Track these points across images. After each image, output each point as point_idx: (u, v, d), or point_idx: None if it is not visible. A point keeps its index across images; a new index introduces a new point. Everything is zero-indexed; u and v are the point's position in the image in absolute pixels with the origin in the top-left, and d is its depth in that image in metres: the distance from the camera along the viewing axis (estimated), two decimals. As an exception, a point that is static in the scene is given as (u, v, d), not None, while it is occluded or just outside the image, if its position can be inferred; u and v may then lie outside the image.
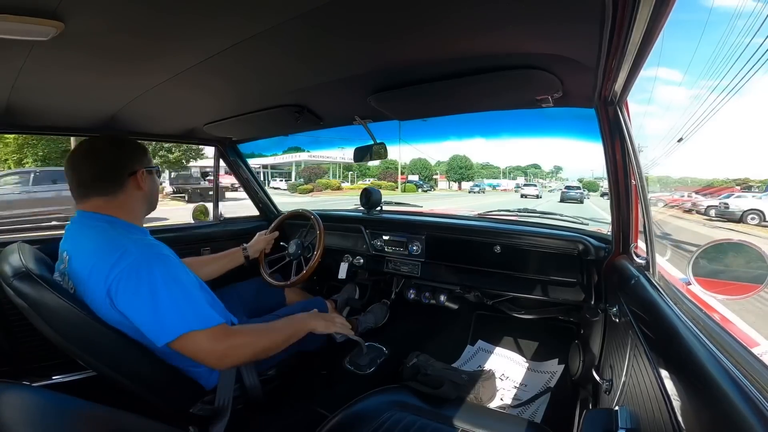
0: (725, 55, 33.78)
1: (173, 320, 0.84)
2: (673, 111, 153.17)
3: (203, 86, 1.10)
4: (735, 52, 25.71)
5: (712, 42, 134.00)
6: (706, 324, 0.59)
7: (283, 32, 0.74)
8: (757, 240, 0.92)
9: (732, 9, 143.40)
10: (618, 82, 0.80)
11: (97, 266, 0.86)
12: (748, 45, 20.48)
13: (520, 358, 1.68)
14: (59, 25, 0.65)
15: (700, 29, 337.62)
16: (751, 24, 25.61)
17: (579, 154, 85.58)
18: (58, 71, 0.91)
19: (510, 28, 0.72)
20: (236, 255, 1.59)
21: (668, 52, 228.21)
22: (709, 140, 79.19)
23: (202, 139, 1.88)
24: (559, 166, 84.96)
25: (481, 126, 1.56)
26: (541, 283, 1.46)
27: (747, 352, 0.48)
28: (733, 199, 11.23)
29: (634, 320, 0.78)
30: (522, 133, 1.61)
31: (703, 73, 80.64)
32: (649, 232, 0.89)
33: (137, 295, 0.83)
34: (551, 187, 46.29)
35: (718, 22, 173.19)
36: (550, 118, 1.30)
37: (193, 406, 1.01)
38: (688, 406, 0.47)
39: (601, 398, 1.03)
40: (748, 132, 58.40)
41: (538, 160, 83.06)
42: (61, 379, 1.25)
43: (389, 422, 0.95)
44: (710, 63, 67.71)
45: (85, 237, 0.92)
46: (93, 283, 0.86)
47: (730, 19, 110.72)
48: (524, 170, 72.20)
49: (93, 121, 1.40)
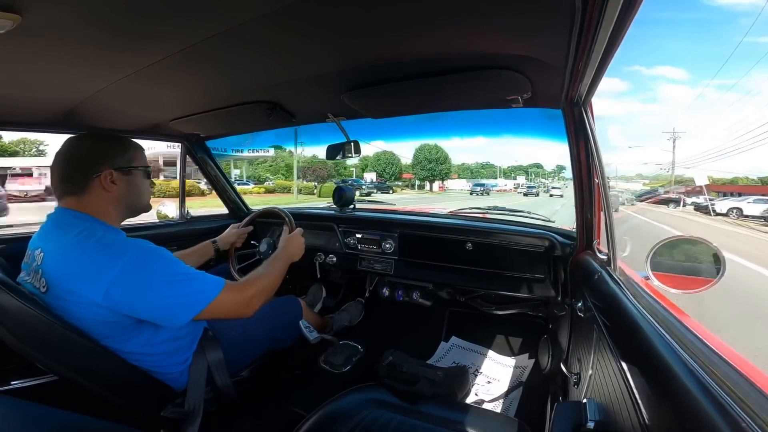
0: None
1: (194, 297, 0.88)
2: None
3: (170, 81, 1.05)
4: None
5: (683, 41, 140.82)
6: (665, 317, 0.62)
7: (253, 29, 0.72)
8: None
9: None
10: (584, 83, 0.83)
11: (87, 267, 0.83)
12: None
13: (492, 353, 1.71)
14: (16, 18, 0.61)
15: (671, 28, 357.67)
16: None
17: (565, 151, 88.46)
18: (12, 64, 0.85)
19: (482, 28, 0.73)
20: (206, 249, 1.55)
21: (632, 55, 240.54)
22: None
23: (168, 135, 1.80)
24: (561, 166, 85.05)
25: (456, 125, 1.59)
26: (511, 279, 1.49)
27: (703, 344, 0.51)
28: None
29: (598, 314, 0.81)
30: (495, 133, 1.65)
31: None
32: (610, 228, 0.92)
33: (149, 287, 0.84)
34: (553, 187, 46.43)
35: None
36: (521, 117, 1.33)
37: (164, 409, 0.98)
38: (651, 397, 0.50)
39: (570, 391, 1.07)
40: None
41: (540, 159, 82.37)
42: (21, 384, 1.17)
43: (366, 420, 0.95)
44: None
45: (64, 236, 0.88)
46: (80, 284, 0.82)
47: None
48: (526, 169, 71.94)
49: (49, 117, 1.33)
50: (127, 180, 0.99)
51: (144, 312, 0.85)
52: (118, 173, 0.96)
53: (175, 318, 0.87)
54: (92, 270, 0.82)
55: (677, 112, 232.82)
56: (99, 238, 0.87)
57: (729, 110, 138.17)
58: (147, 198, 1.08)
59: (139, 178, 1.03)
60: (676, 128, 38.46)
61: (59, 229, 0.90)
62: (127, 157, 1.00)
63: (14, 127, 1.44)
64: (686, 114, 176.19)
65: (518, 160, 79.00)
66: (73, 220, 0.91)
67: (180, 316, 0.87)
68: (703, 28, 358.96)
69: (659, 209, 17.86)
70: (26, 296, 0.82)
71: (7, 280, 0.84)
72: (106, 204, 0.96)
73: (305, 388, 1.43)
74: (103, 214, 0.95)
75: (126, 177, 0.98)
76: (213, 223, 2.06)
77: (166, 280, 0.86)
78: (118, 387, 0.91)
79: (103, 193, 0.95)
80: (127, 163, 0.99)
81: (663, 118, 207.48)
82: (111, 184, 0.95)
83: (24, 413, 0.54)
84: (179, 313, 0.87)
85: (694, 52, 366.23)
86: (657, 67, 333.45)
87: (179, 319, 0.87)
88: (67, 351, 0.83)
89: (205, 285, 0.91)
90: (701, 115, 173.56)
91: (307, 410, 1.00)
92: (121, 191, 0.98)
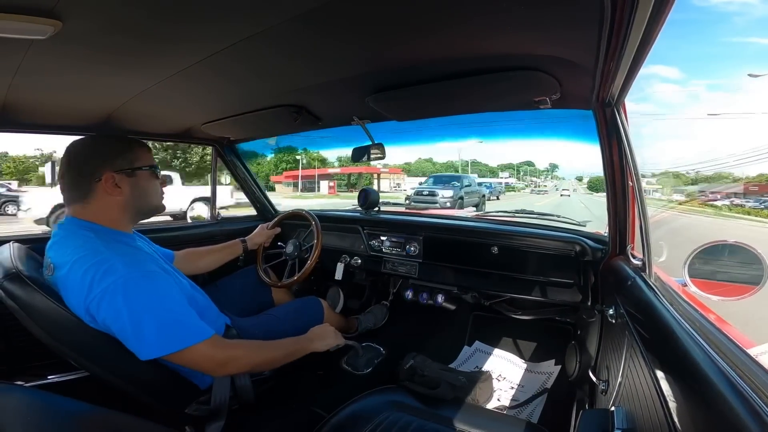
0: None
1: (158, 340, 0.83)
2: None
3: (201, 86, 1.09)
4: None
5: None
6: (702, 325, 0.59)
7: (281, 33, 0.74)
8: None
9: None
10: (616, 84, 0.80)
11: (78, 280, 0.82)
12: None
13: (517, 358, 1.68)
14: (57, 24, 0.65)
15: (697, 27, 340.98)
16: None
17: (576, 151, 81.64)
18: (55, 70, 0.90)
19: (509, 29, 0.73)
20: (234, 247, 1.60)
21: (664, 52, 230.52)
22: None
23: (200, 138, 1.87)
24: (555, 164, 79.04)
25: (476, 127, 1.56)
26: (539, 284, 1.46)
27: (742, 352, 0.48)
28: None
29: (631, 321, 0.78)
30: (517, 135, 1.61)
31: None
32: (645, 233, 0.89)
33: (119, 316, 0.81)
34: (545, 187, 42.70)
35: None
36: (546, 118, 1.30)
37: (188, 406, 1.00)
38: (684, 406, 0.48)
39: (597, 399, 1.03)
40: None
41: (532, 156, 78.10)
42: (56, 378, 1.24)
43: (386, 422, 0.95)
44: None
45: (69, 246, 0.88)
46: (73, 297, 0.84)
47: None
48: (516, 168, 67.66)
49: (90, 120, 1.40)
50: (132, 182, 0.95)
51: (117, 331, 0.82)
52: (120, 176, 0.93)
53: (140, 350, 0.83)
54: (84, 286, 0.81)
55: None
56: (100, 252, 0.85)
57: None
58: (157, 198, 1.04)
59: (145, 178, 0.99)
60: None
61: (69, 242, 0.89)
62: (129, 157, 0.96)
63: (55, 130, 1.48)
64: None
65: (505, 156, 75.04)
66: (81, 230, 0.90)
67: (147, 349, 0.83)
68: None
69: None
70: (58, 297, 0.85)
71: (41, 280, 0.87)
72: (113, 209, 0.93)
73: (326, 389, 1.44)
74: (109, 220, 0.93)
75: (130, 179, 0.95)
76: (242, 224, 2.13)
77: (143, 310, 0.82)
78: (145, 384, 0.93)
79: (108, 198, 0.92)
80: (129, 164, 0.95)
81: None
82: (115, 188, 0.92)
83: (57, 407, 0.57)
84: (147, 347, 0.83)
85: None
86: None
87: (143, 352, 0.83)
88: (96, 350, 0.86)
89: (188, 329, 0.87)
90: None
91: (327, 411, 1.01)
92: (127, 195, 0.94)
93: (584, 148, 1.41)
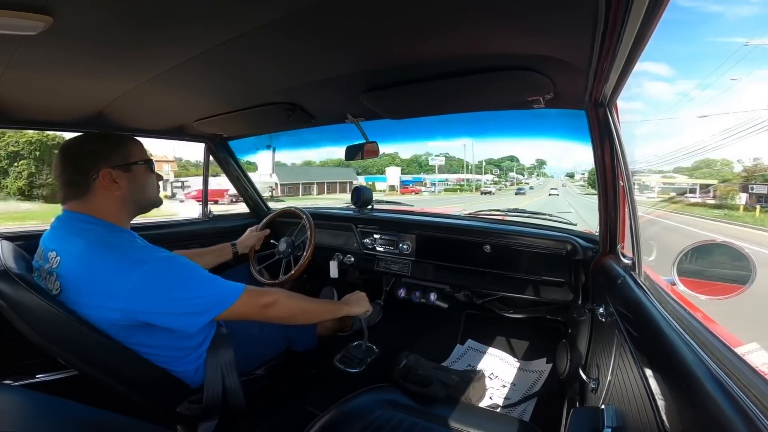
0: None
1: (208, 308, 0.89)
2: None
3: (194, 83, 1.08)
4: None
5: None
6: (690, 324, 0.60)
7: (275, 30, 0.74)
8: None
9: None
10: (608, 84, 0.81)
11: (108, 274, 0.83)
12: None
13: (509, 357, 1.69)
14: (48, 20, 0.64)
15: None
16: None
17: (564, 148, 77.45)
18: (45, 66, 0.89)
19: (503, 29, 0.73)
20: (224, 250, 1.58)
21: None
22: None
23: (192, 135, 1.85)
24: (542, 160, 73.61)
25: (466, 125, 1.56)
26: (530, 283, 1.47)
27: (730, 351, 0.49)
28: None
29: (620, 320, 0.79)
30: (509, 133, 1.61)
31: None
32: (635, 232, 0.90)
33: (163, 299, 0.84)
34: (529, 185, 38.47)
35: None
36: (537, 117, 1.31)
37: (180, 405, 0.99)
38: (672, 404, 0.48)
39: (587, 397, 1.04)
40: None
41: (516, 151, 69.07)
42: (45, 377, 1.23)
43: (379, 421, 0.95)
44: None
45: (81, 241, 0.87)
46: (99, 290, 0.83)
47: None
48: (497, 164, 61.50)
49: (80, 117, 1.38)
50: (129, 177, 0.96)
51: (161, 319, 0.86)
52: (117, 171, 0.94)
53: (190, 324, 0.88)
54: (113, 277, 0.82)
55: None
56: (115, 244, 0.88)
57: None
58: (154, 192, 1.05)
59: (141, 172, 1.00)
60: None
61: (74, 234, 0.89)
62: (124, 153, 0.97)
63: (47, 126, 1.48)
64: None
65: (486, 152, 63.95)
66: (83, 224, 0.91)
67: (194, 321, 0.88)
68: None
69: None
70: (48, 294, 0.84)
71: (29, 278, 0.86)
72: (112, 204, 0.94)
73: (319, 387, 1.44)
74: (110, 215, 0.94)
75: (127, 174, 0.96)
76: (233, 222, 2.11)
77: (185, 287, 0.87)
78: (134, 383, 0.92)
79: (107, 193, 0.93)
80: (125, 159, 0.96)
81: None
82: (113, 183, 0.93)
83: (47, 407, 0.56)
84: (194, 320, 0.88)
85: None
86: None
87: (194, 324, 0.89)
88: (85, 348, 0.85)
89: (222, 291, 0.93)
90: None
91: (320, 409, 1.00)
92: (125, 189, 0.95)
93: (576, 145, 1.41)
